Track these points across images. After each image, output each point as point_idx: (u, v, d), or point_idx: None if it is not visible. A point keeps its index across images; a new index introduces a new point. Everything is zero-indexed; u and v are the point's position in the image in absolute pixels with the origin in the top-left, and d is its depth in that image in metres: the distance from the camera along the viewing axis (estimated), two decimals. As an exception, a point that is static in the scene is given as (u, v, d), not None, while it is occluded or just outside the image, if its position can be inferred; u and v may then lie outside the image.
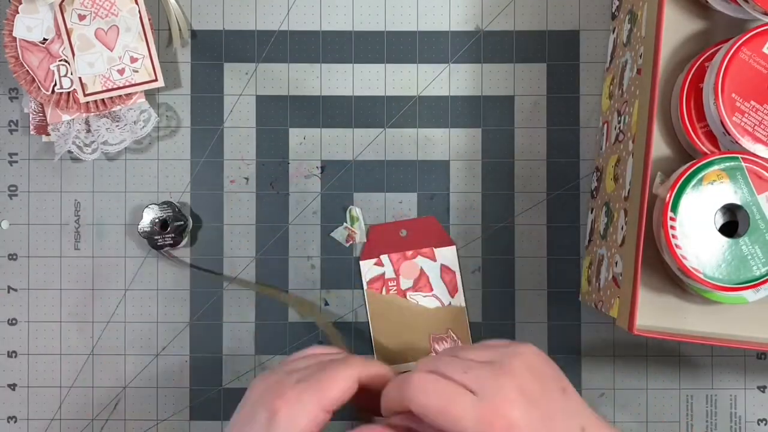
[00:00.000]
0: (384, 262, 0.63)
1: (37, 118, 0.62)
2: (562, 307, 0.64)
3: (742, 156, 0.48)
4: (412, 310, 0.63)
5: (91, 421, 0.64)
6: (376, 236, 0.63)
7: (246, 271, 0.64)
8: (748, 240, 0.48)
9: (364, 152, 0.64)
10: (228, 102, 0.64)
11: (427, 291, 0.63)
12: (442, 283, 0.63)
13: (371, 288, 0.63)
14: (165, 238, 0.62)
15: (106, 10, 0.61)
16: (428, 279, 0.63)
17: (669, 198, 0.48)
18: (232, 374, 0.64)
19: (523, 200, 0.64)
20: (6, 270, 0.64)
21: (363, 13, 0.64)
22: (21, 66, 0.61)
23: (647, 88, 0.50)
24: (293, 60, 0.64)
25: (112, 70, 0.61)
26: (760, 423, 0.63)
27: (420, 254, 0.63)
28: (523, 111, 0.64)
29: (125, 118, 0.62)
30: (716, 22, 0.53)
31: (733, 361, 0.64)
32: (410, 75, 0.64)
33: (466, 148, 0.64)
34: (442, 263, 0.63)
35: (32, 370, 0.64)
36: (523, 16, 0.64)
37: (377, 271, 0.63)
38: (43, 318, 0.64)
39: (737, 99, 0.48)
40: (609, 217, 0.57)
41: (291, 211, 0.64)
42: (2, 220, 0.64)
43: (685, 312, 0.52)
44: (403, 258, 0.63)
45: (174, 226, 0.62)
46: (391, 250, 0.63)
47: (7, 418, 0.64)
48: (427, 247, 0.63)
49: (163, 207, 0.62)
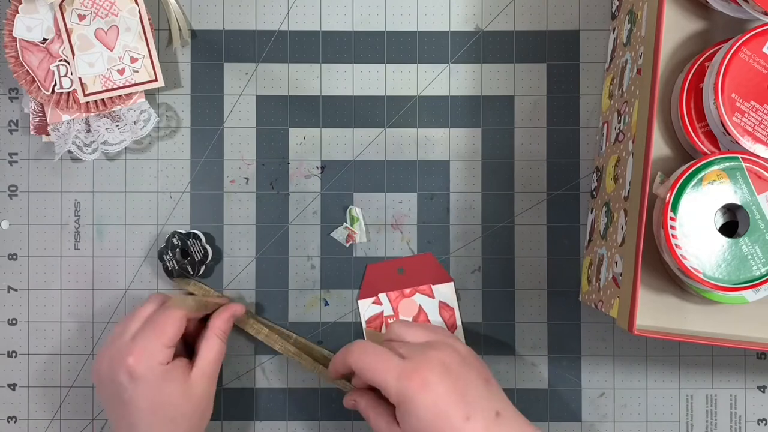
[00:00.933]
0: (382, 301, 0.63)
1: (37, 118, 0.62)
2: (562, 307, 0.64)
3: (742, 156, 0.48)
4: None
5: (92, 421, 0.64)
6: (373, 274, 0.63)
7: (247, 270, 0.64)
8: (748, 240, 0.48)
9: (364, 152, 0.64)
10: (228, 102, 0.64)
11: None
12: (441, 320, 0.63)
13: (370, 327, 0.63)
14: (181, 265, 0.62)
15: (106, 10, 0.61)
16: (427, 316, 0.63)
17: (669, 198, 0.48)
18: (232, 374, 0.64)
19: (523, 200, 0.64)
20: (6, 270, 0.64)
21: (363, 13, 0.64)
22: (21, 66, 0.61)
23: (647, 88, 0.50)
24: (293, 60, 0.64)
25: (112, 70, 0.61)
26: (760, 423, 0.63)
27: (418, 291, 0.63)
28: (523, 111, 0.64)
29: (125, 118, 0.62)
30: (716, 22, 0.53)
31: (733, 361, 0.64)
32: (410, 75, 0.64)
33: (466, 148, 0.64)
34: (441, 300, 0.63)
35: (32, 370, 0.64)
36: (523, 16, 0.64)
37: (376, 310, 0.63)
38: (43, 318, 0.64)
39: (737, 99, 0.48)
40: (609, 217, 0.57)
41: (291, 211, 0.64)
42: (2, 220, 0.64)
43: (685, 312, 0.52)
44: (401, 296, 0.63)
45: (193, 260, 0.62)
46: (389, 288, 0.63)
47: (7, 418, 0.64)
48: (424, 284, 0.63)
49: (193, 240, 0.62)
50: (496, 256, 0.64)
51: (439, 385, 0.52)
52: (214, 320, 0.59)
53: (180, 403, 0.55)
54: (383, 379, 0.53)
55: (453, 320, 0.63)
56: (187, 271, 0.62)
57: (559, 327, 0.64)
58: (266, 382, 0.64)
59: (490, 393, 0.54)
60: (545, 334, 0.64)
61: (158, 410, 0.54)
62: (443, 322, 0.63)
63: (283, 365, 0.64)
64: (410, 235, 0.64)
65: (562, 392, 0.63)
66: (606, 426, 0.63)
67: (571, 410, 0.63)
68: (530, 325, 0.64)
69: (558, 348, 0.63)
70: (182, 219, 0.64)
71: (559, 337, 0.63)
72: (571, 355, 0.64)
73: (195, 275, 0.62)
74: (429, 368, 0.52)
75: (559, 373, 0.63)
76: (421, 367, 0.52)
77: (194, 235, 0.62)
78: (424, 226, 0.64)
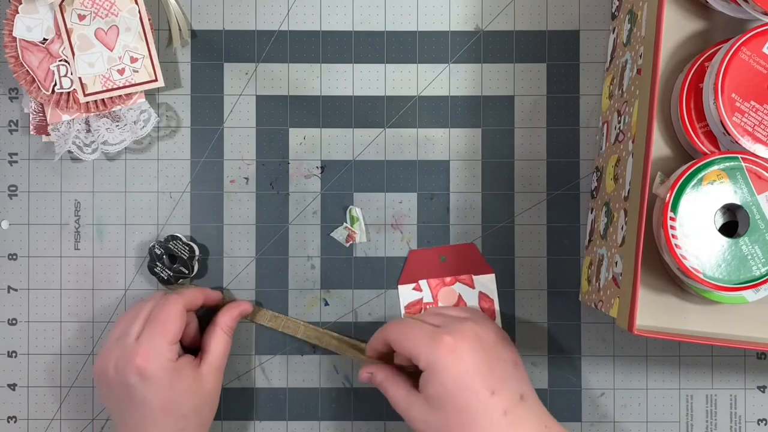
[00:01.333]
0: (422, 287, 0.63)
1: (37, 118, 0.62)
2: (562, 307, 0.64)
3: (742, 156, 0.48)
4: None
5: (92, 421, 0.64)
6: (414, 261, 0.63)
7: (247, 270, 0.64)
8: (748, 240, 0.48)
9: (364, 152, 0.64)
10: (228, 102, 0.64)
11: None
12: (480, 310, 0.63)
13: (408, 313, 0.63)
14: (165, 271, 0.62)
15: (106, 10, 0.61)
16: (466, 305, 0.63)
17: (669, 198, 0.48)
18: (232, 374, 0.64)
19: (523, 200, 0.64)
20: (6, 270, 0.64)
21: (363, 13, 0.64)
22: (21, 66, 0.61)
23: (647, 88, 0.50)
24: (293, 60, 0.64)
25: (112, 70, 0.61)
26: (760, 423, 0.63)
27: (459, 280, 0.63)
28: (523, 111, 0.64)
29: (125, 118, 0.62)
30: (716, 22, 0.53)
31: (733, 361, 0.64)
32: (410, 75, 0.64)
33: (466, 148, 0.64)
34: (481, 290, 0.63)
35: (32, 370, 0.64)
36: (523, 16, 0.64)
37: (415, 296, 0.63)
38: (43, 318, 0.64)
39: (737, 99, 0.48)
40: (609, 217, 0.57)
41: (291, 211, 0.64)
42: (2, 220, 0.64)
43: (685, 312, 0.52)
44: (441, 284, 0.63)
45: (182, 259, 0.62)
46: (430, 275, 0.63)
47: (7, 418, 0.64)
48: (466, 273, 0.63)
49: (165, 243, 0.62)
50: (496, 256, 0.64)
51: (470, 354, 0.52)
52: (222, 316, 0.60)
53: (191, 398, 0.56)
54: (415, 345, 0.53)
55: (492, 311, 0.63)
56: (182, 272, 0.62)
57: (559, 327, 0.64)
58: (266, 382, 0.64)
59: (518, 375, 0.54)
60: (545, 334, 0.64)
61: (171, 407, 0.55)
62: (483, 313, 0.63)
63: (283, 365, 0.64)
64: (410, 235, 0.64)
65: (562, 392, 0.63)
66: (606, 426, 0.63)
67: (571, 410, 0.63)
68: (530, 325, 0.64)
69: (558, 348, 0.63)
70: (182, 219, 0.64)
71: (559, 337, 0.63)
72: (571, 355, 0.64)
73: (192, 273, 0.62)
74: (462, 337, 0.53)
75: (559, 373, 0.63)
76: (455, 334, 0.53)
77: (173, 237, 0.62)
78: (424, 226, 0.64)
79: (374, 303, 0.64)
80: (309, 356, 0.64)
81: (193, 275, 0.63)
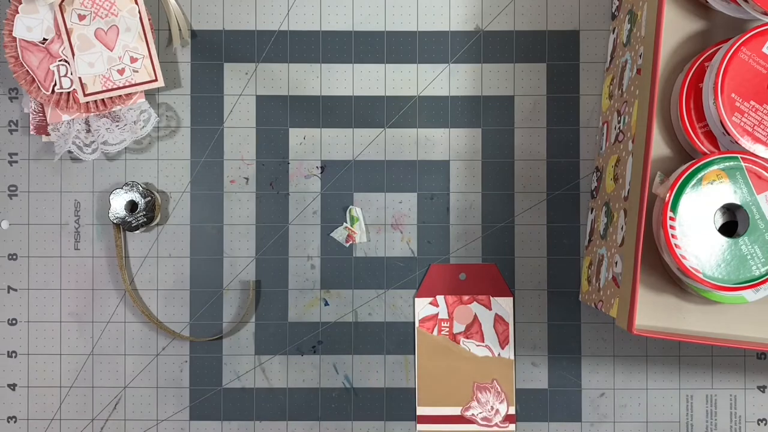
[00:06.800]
0: (439, 303, 0.63)
1: (37, 118, 0.62)
2: (562, 307, 0.64)
3: (741, 156, 0.48)
4: (460, 354, 0.63)
5: (91, 421, 0.64)
6: (434, 275, 0.63)
7: (247, 270, 0.64)
8: (748, 240, 0.48)
9: (364, 152, 0.64)
10: (228, 102, 0.64)
11: (479, 340, 0.63)
12: (494, 333, 0.63)
13: (422, 327, 0.63)
14: (138, 218, 0.62)
15: (106, 10, 0.61)
16: (481, 326, 0.63)
17: (669, 198, 0.48)
18: (232, 374, 0.64)
19: (523, 200, 0.64)
20: (6, 270, 0.64)
21: (363, 13, 0.64)
22: (21, 66, 0.61)
23: (647, 88, 0.50)
24: (293, 60, 0.64)
25: (112, 70, 0.61)
26: (760, 423, 0.63)
27: (476, 300, 0.63)
28: (523, 111, 0.64)
29: (125, 118, 0.62)
30: (716, 22, 0.53)
31: (733, 361, 0.64)
32: (410, 75, 0.64)
33: (466, 148, 0.64)
34: (497, 312, 0.63)
35: (32, 370, 0.64)
36: (523, 16, 0.64)
37: (431, 311, 0.63)
38: (43, 318, 0.64)
39: (737, 99, 0.48)
40: (609, 217, 0.57)
41: (291, 211, 0.64)
42: (2, 220, 0.64)
43: (684, 312, 0.52)
44: (458, 302, 0.63)
45: (144, 204, 0.61)
46: (448, 291, 0.63)
47: (7, 418, 0.64)
48: (484, 294, 0.63)
49: (128, 188, 0.62)
50: (496, 256, 0.64)
51: None
52: None
53: None
54: None
55: (506, 335, 0.63)
56: (151, 218, 0.61)
57: (559, 327, 0.64)
58: (266, 382, 0.64)
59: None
60: (545, 334, 0.64)
61: None
62: (496, 336, 0.63)
63: (283, 365, 0.64)
64: (410, 235, 0.64)
65: (562, 392, 0.63)
66: (606, 426, 0.63)
67: (571, 410, 0.63)
68: (530, 325, 0.64)
69: (558, 348, 0.63)
70: (182, 219, 0.64)
71: (559, 337, 0.63)
72: (571, 355, 0.64)
73: (157, 213, 0.62)
74: None
75: (559, 373, 0.63)
76: None
77: (116, 193, 0.62)
78: (424, 226, 0.64)
79: (374, 303, 0.64)
80: (309, 356, 0.64)
81: (157, 214, 0.63)
